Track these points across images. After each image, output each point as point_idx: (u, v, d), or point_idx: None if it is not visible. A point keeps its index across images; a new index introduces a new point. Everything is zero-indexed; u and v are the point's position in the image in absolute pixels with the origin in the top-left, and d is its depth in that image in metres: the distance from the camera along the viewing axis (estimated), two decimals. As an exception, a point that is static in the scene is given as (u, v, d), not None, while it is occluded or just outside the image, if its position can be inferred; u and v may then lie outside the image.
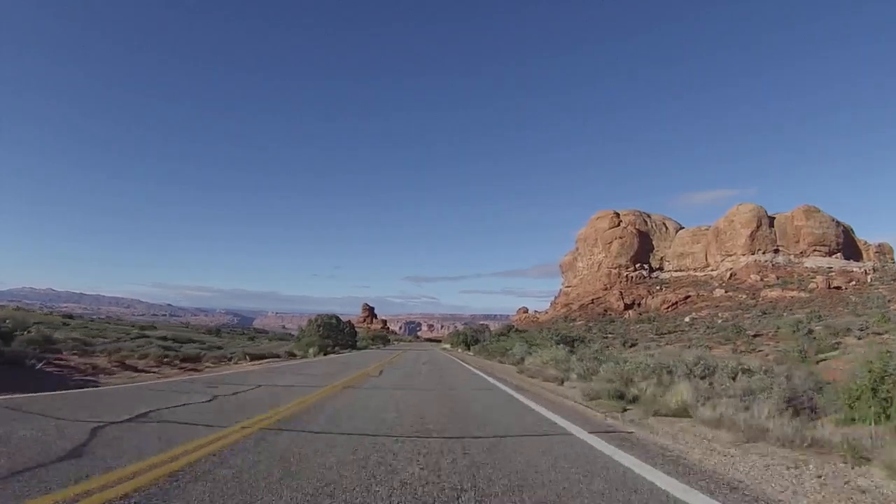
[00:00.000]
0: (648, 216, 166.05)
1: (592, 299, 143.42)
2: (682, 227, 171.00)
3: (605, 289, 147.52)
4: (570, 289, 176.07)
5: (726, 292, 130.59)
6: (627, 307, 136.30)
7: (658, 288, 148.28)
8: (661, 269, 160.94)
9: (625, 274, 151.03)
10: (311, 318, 38.22)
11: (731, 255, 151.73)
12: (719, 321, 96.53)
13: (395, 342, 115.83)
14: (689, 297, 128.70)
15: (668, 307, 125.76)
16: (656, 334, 75.88)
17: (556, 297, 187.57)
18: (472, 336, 68.14)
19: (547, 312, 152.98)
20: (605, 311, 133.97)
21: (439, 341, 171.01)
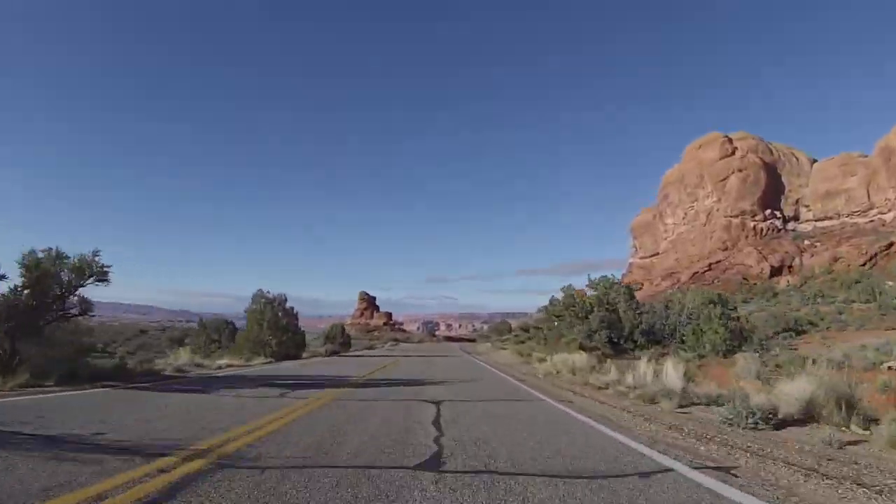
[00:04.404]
0: (770, 144, 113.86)
1: (709, 264, 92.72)
2: (815, 160, 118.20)
3: (726, 248, 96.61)
4: (649, 260, 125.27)
5: (953, 235, 78.58)
6: (775, 271, 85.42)
7: (807, 243, 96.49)
8: (795, 217, 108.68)
9: (751, 224, 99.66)
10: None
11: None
12: None
13: (392, 344, 67.34)
14: (892, 244, 77.06)
15: (866, 262, 74.52)
16: None
17: (626, 271, 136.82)
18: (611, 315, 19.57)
19: (639, 289, 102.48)
20: (744, 278, 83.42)
21: (473, 340, 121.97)
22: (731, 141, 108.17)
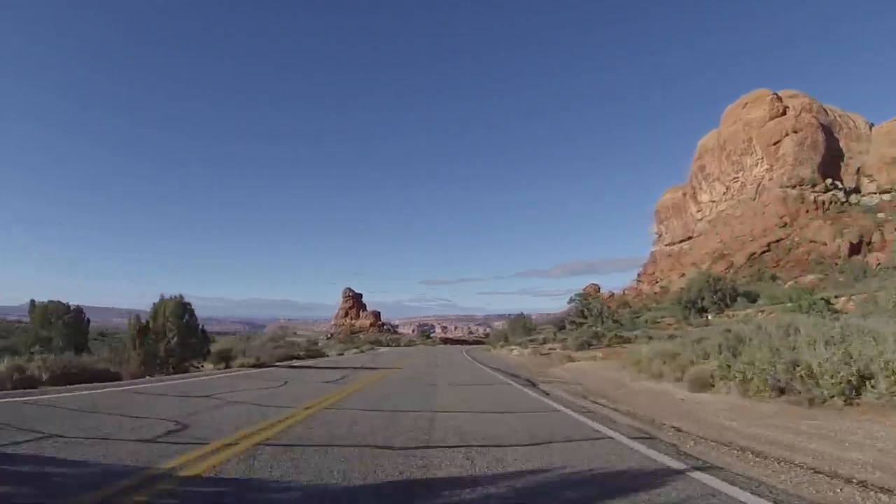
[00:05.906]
0: (823, 105, 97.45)
1: (767, 244, 76.52)
2: (873, 125, 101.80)
3: (784, 224, 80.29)
4: (678, 246, 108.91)
5: None
6: (854, 249, 69.21)
7: (881, 216, 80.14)
8: (857, 189, 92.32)
9: (811, 197, 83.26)
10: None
11: None
12: None
13: (366, 349, 50.69)
14: None
15: None
16: None
17: (648, 263, 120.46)
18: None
19: (681, 277, 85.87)
20: (820, 258, 67.30)
21: (481, 342, 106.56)
22: (780, 99, 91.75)
